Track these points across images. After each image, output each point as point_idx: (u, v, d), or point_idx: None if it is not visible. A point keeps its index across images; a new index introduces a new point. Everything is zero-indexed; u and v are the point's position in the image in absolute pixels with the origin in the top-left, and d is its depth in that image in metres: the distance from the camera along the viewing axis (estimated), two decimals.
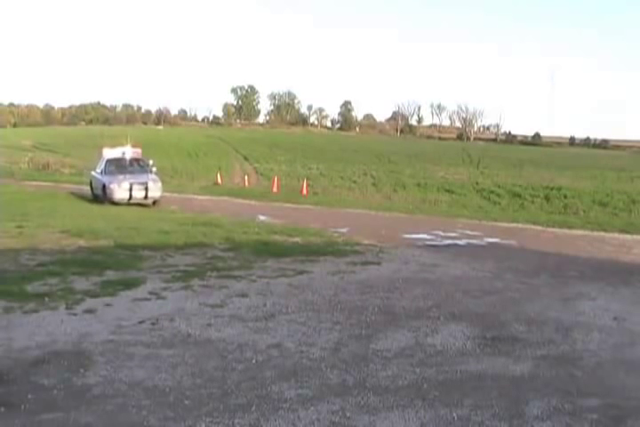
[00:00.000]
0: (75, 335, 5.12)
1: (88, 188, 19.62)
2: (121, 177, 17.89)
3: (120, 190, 17.34)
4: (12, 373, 4.28)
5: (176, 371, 4.45)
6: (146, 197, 17.45)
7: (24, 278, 6.80)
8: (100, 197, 18.08)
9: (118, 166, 18.73)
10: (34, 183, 22.94)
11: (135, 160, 19.40)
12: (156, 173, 18.94)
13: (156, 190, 17.72)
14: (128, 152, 19.49)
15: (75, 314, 5.71)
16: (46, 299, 6.07)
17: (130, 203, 17.05)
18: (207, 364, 4.62)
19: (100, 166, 19.24)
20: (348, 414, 3.86)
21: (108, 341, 5.02)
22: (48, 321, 5.45)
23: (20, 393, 3.96)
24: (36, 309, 5.77)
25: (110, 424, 3.67)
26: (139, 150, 20.15)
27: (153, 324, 5.50)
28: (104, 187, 17.74)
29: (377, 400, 4.08)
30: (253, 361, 4.72)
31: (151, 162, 19.45)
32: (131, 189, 17.38)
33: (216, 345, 5.04)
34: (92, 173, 20.13)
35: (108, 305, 6.03)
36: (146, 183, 17.57)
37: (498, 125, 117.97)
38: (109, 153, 19.68)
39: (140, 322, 5.54)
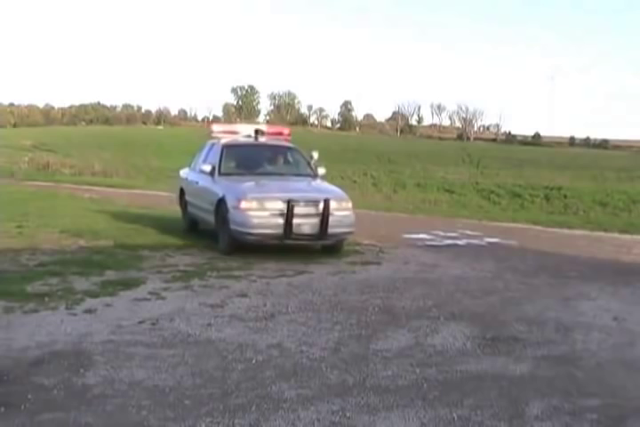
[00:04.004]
0: (75, 335, 5.12)
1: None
2: (261, 185, 8.91)
3: (263, 215, 8.35)
4: (12, 373, 4.28)
5: (176, 371, 4.45)
6: (323, 232, 8.39)
7: (24, 278, 6.80)
8: (210, 224, 9.28)
9: (250, 162, 9.74)
10: (34, 183, 22.91)
11: (280, 150, 10.19)
12: (323, 178, 9.83)
13: (344, 220, 8.70)
14: (264, 133, 10.30)
15: (75, 314, 5.71)
16: (46, 299, 6.07)
17: (285, 244, 8.52)
18: (207, 364, 4.62)
19: (209, 159, 9.90)
20: (348, 414, 3.86)
21: (107, 341, 5.02)
22: (48, 321, 5.45)
23: (19, 393, 3.96)
24: (35, 309, 5.77)
25: (110, 424, 3.67)
26: (286, 130, 11.29)
27: (153, 324, 5.50)
28: (221, 205, 8.70)
29: (377, 400, 4.08)
30: (253, 361, 4.72)
31: (315, 155, 10.31)
32: (289, 215, 8.22)
33: (216, 345, 5.04)
34: (185, 173, 11.06)
35: (107, 305, 6.03)
36: (323, 202, 8.40)
37: (498, 125, 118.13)
38: (225, 133, 10.56)
39: (140, 322, 5.54)
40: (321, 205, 8.48)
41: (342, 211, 8.79)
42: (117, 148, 43.64)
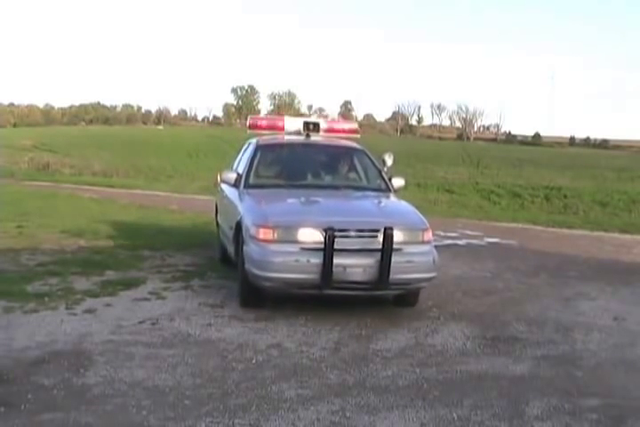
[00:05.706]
0: (75, 335, 5.12)
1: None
2: (298, 204, 6.17)
3: (290, 250, 5.57)
4: (12, 373, 4.28)
5: (176, 371, 4.46)
6: (383, 278, 5.53)
7: (24, 278, 6.80)
8: (232, 256, 6.73)
9: (295, 169, 7.23)
10: (34, 183, 22.91)
11: (341, 153, 7.67)
12: (396, 191, 7.09)
13: (418, 259, 5.77)
14: (318, 129, 7.67)
15: (75, 314, 5.71)
16: (46, 299, 6.07)
17: (324, 294, 5.73)
18: (207, 364, 4.62)
19: (240, 166, 7.51)
20: (347, 414, 3.87)
21: (107, 341, 5.02)
22: (48, 321, 5.45)
23: (20, 393, 3.97)
24: (36, 309, 5.77)
25: (110, 424, 3.68)
26: (352, 125, 8.42)
27: (153, 324, 5.50)
28: (239, 231, 6.15)
29: (377, 400, 4.09)
30: (253, 361, 4.72)
31: (389, 160, 7.62)
32: (327, 251, 5.41)
33: (216, 345, 5.05)
34: (225, 183, 7.32)
35: (107, 305, 6.03)
36: (384, 233, 5.51)
37: (498, 125, 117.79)
38: (264, 129, 7.96)
39: (140, 322, 5.54)
40: (379, 236, 5.62)
41: (416, 245, 5.86)
42: (117, 148, 43.59)
